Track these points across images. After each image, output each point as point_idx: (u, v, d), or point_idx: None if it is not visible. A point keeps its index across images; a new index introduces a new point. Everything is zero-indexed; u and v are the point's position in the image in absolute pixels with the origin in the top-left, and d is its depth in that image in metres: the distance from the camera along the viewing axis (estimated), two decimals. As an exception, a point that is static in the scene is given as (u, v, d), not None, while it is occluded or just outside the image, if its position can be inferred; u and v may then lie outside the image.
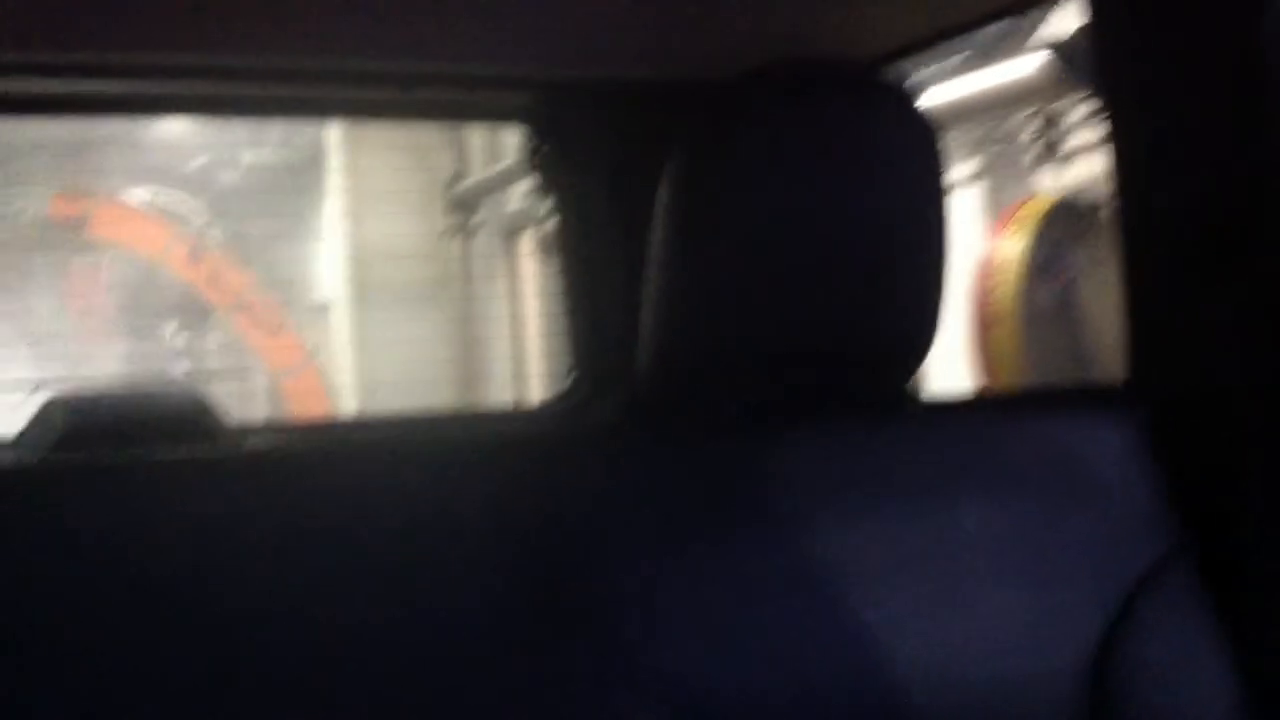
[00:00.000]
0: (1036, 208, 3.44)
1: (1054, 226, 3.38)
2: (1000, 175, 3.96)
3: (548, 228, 6.15)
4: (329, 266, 7.64)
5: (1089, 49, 2.99)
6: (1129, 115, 1.17)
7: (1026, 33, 3.07)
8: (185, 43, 1.47)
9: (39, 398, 1.68)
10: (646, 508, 0.96)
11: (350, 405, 7.18)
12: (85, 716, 0.82)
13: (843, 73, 1.21)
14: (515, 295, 6.95)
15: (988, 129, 3.94)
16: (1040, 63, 3.02)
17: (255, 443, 1.90)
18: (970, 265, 3.51)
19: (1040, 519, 1.04)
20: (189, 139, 7.60)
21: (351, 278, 7.33)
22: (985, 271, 3.40)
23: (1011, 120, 3.90)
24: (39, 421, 1.58)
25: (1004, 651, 0.99)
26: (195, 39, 1.45)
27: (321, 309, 7.87)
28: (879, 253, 1.05)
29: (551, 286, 6.35)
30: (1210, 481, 1.09)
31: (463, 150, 6.77)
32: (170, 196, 7.56)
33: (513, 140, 6.22)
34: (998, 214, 3.67)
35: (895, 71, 1.68)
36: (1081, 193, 3.53)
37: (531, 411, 2.70)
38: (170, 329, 8.20)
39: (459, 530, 0.94)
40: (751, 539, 0.97)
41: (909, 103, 1.08)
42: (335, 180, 7.34)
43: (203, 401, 1.66)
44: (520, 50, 1.60)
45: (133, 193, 7.42)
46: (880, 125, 1.06)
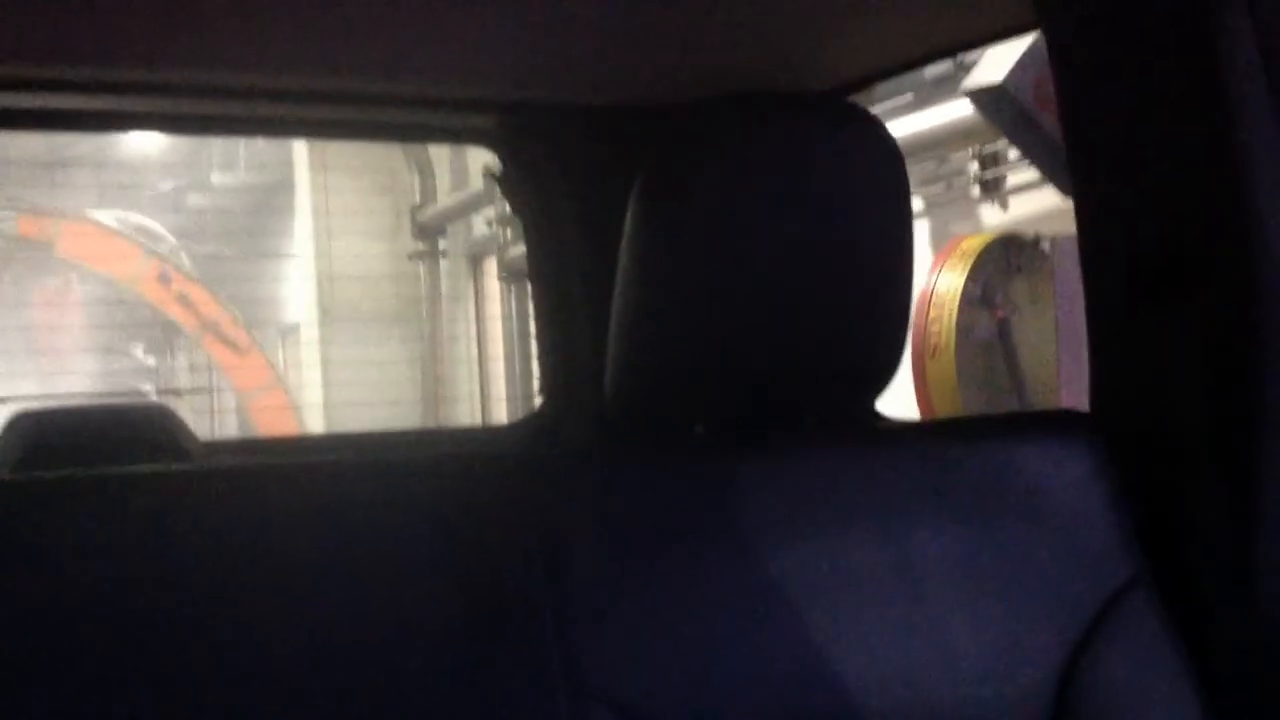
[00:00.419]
0: (976, 243, 3.53)
1: (992, 261, 3.48)
2: (944, 211, 4.06)
3: (511, 254, 6.22)
4: (297, 288, 7.68)
5: (1005, 99, 3.04)
6: (1090, 157, 1.19)
7: (958, 80, 3.18)
8: (155, 59, 1.47)
9: (5, 413, 1.67)
10: (604, 526, 0.96)
11: (317, 425, 7.20)
12: None
13: (807, 98, 1.23)
14: (480, 319, 7.01)
15: (933, 166, 4.04)
16: (973, 108, 3.14)
17: (222, 459, 1.86)
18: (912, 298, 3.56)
19: (1004, 544, 1.04)
20: (159, 160, 7.63)
21: (319, 299, 7.36)
22: (925, 304, 3.49)
23: (956, 158, 4.00)
24: (6, 436, 1.55)
25: (968, 675, 0.99)
26: (165, 55, 1.45)
27: (290, 330, 7.90)
28: (845, 275, 1.05)
29: (515, 311, 6.41)
30: (1170, 510, 1.10)
31: (428, 177, 6.83)
32: (140, 217, 7.58)
33: (477, 168, 6.30)
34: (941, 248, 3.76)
35: (859, 100, 1.69)
36: (1020, 228, 3.64)
37: (501, 431, 2.70)
38: (139, 348, 8.22)
39: (415, 544, 0.95)
40: (711, 560, 0.97)
41: (875, 126, 1.08)
42: (304, 203, 7.38)
43: (171, 418, 1.65)
44: (490, 73, 1.60)
45: (102, 213, 7.44)
46: (846, 148, 1.06)
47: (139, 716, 0.87)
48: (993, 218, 3.93)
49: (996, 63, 2.92)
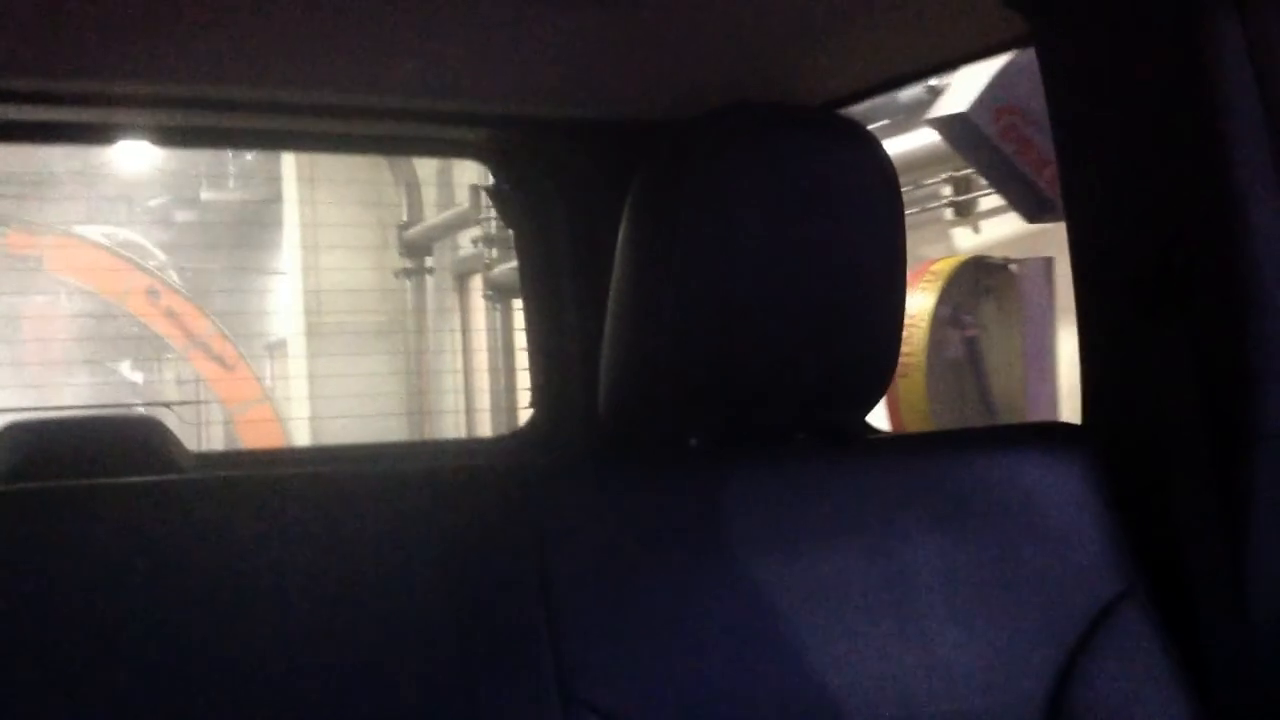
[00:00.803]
0: (946, 265, 3.61)
1: (962, 282, 3.56)
2: (917, 233, 4.14)
3: (496, 272, 6.29)
4: (285, 304, 7.71)
5: (968, 127, 3.11)
6: (1081, 171, 1.20)
7: (927, 107, 3.26)
8: (147, 72, 1.47)
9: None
10: (597, 537, 0.96)
11: (304, 440, 7.22)
12: None
13: (800, 112, 1.22)
14: (465, 335, 7.06)
15: (908, 190, 4.12)
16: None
17: (212, 470, 1.87)
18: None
19: (996, 556, 1.04)
20: (149, 176, 7.67)
21: (307, 315, 7.40)
22: (898, 324, 3.54)
23: (930, 182, 4.08)
24: None
25: (959, 687, 1.00)
26: (159, 68, 1.45)
27: (277, 345, 7.94)
28: (839, 288, 1.05)
29: (500, 328, 6.46)
30: (1162, 522, 1.10)
31: (415, 194, 6.89)
32: (129, 233, 7.62)
33: (464, 187, 6.37)
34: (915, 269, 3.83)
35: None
36: (990, 251, 3.72)
37: (491, 443, 2.68)
38: (127, 363, 8.24)
39: (409, 554, 0.96)
40: (704, 572, 0.97)
41: (868, 140, 1.08)
42: (292, 220, 7.43)
43: (162, 430, 1.64)
44: (484, 87, 1.60)
45: (91, 228, 7.47)
46: (840, 162, 1.06)
47: (122, 715, 0.88)
48: (965, 241, 4.00)
49: (961, 93, 3.00)
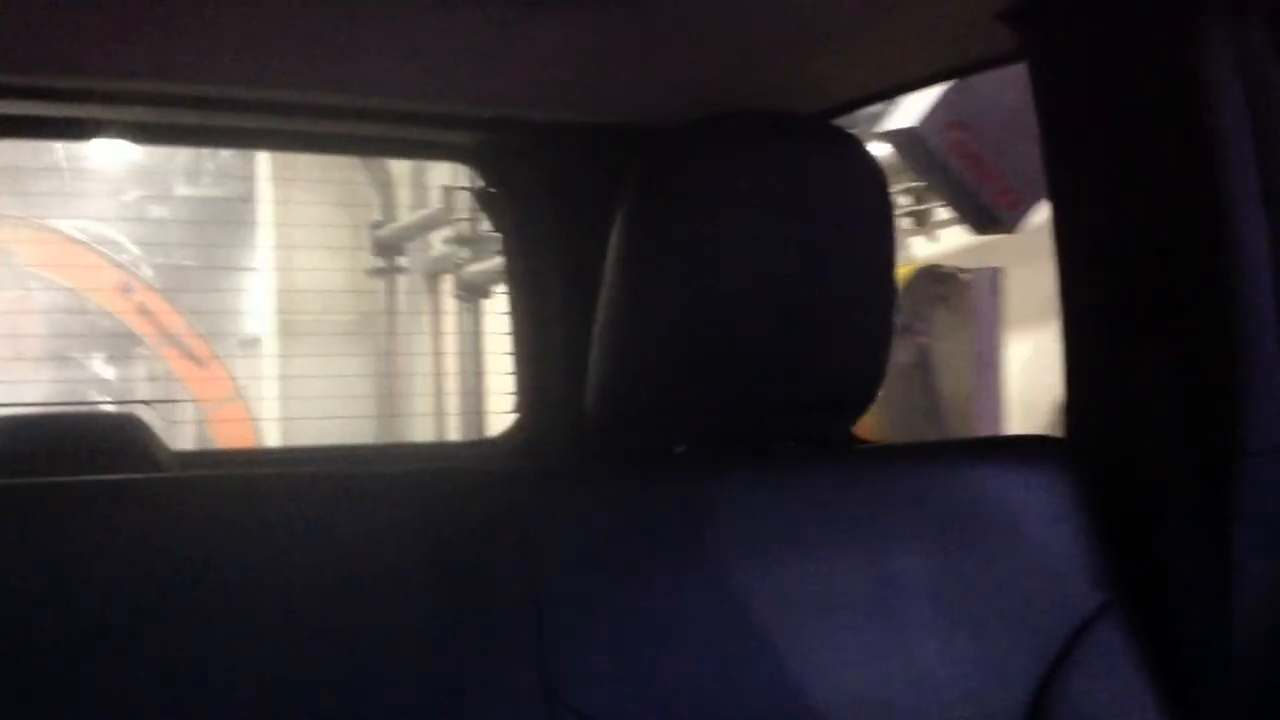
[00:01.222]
0: (900, 273, 3.62)
1: (915, 290, 3.57)
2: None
3: (466, 272, 6.28)
4: (258, 301, 7.70)
5: (917, 142, 3.13)
6: (1070, 187, 1.22)
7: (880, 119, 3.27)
8: (129, 70, 1.47)
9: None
10: (582, 542, 0.97)
11: (277, 439, 7.21)
12: None
13: (791, 120, 1.22)
14: (437, 336, 7.06)
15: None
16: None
17: (193, 468, 1.85)
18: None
19: (978, 568, 1.06)
20: (123, 170, 7.65)
21: (280, 313, 7.39)
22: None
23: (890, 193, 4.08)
24: None
25: (941, 696, 1.01)
26: (146, 66, 1.46)
27: (251, 342, 7.92)
28: (828, 297, 1.05)
29: (471, 329, 6.46)
30: (1143, 536, 1.12)
31: (389, 194, 6.89)
32: (103, 227, 7.59)
33: (437, 187, 6.36)
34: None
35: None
36: (944, 261, 3.73)
37: (476, 447, 2.67)
38: (99, 359, 8.21)
39: (392, 557, 0.95)
40: (687, 578, 0.98)
41: (860, 150, 1.09)
42: (266, 217, 7.42)
43: (142, 427, 1.64)
44: (474, 90, 1.61)
45: (64, 223, 7.45)
46: (831, 171, 1.07)
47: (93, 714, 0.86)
48: (923, 250, 4.02)
49: (912, 108, 3.03)
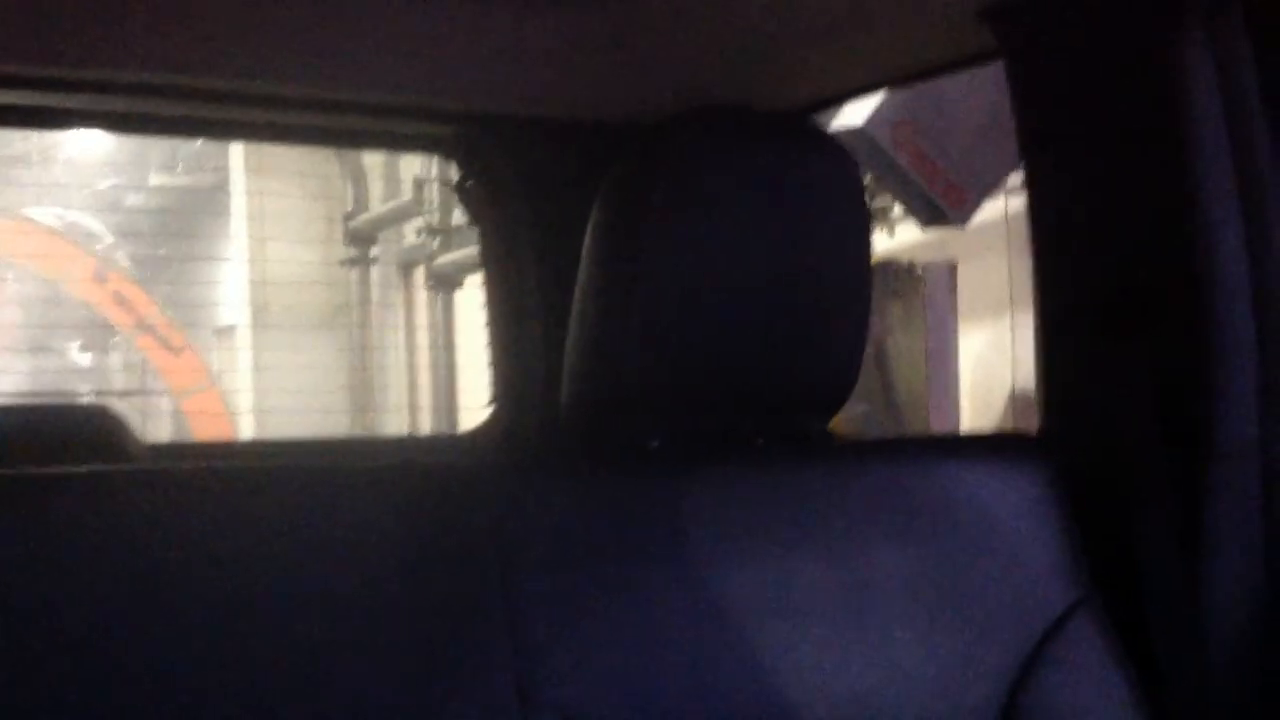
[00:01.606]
0: (857, 267, 3.65)
1: (873, 285, 3.59)
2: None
3: (438, 263, 6.30)
4: (233, 290, 7.71)
5: (865, 140, 3.15)
6: (1046, 187, 1.22)
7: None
8: (110, 60, 1.44)
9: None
10: (557, 539, 0.95)
11: (251, 428, 7.23)
12: None
13: (770, 117, 1.22)
14: (410, 327, 7.08)
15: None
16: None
17: (165, 461, 1.83)
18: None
19: (953, 564, 1.06)
20: (98, 159, 7.65)
21: (253, 303, 7.40)
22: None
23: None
24: None
25: (916, 693, 1.01)
26: (121, 56, 1.43)
27: (225, 332, 7.93)
28: (804, 292, 1.05)
29: (442, 321, 6.48)
30: (1117, 534, 1.12)
31: (362, 185, 6.90)
32: (78, 215, 7.59)
33: (409, 178, 6.38)
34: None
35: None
36: (900, 255, 3.77)
37: (452, 441, 2.66)
38: (73, 348, 8.21)
39: (366, 553, 0.94)
40: (663, 575, 0.97)
41: (836, 149, 1.09)
42: (240, 206, 7.43)
43: (114, 419, 1.61)
44: (453, 83, 1.60)
45: (39, 211, 7.45)
46: (808, 169, 1.06)
47: (68, 709, 0.85)
48: (881, 244, 4.05)
49: (858, 107, 3.07)
